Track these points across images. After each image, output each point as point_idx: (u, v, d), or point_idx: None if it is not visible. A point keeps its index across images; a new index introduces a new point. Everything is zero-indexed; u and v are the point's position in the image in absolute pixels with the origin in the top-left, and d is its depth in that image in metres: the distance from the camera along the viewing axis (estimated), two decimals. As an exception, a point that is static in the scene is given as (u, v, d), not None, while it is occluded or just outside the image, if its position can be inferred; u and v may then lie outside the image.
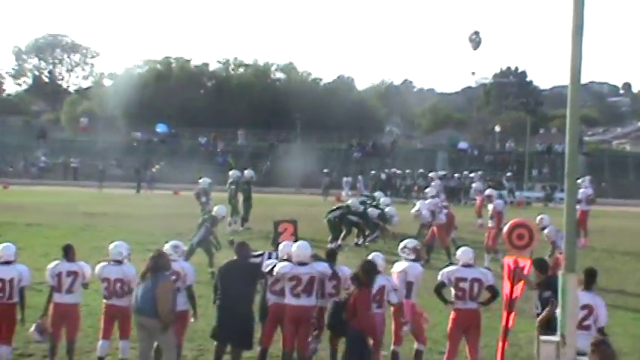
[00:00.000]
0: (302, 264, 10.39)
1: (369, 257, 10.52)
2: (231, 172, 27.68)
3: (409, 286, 10.58)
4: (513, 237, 10.51)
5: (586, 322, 9.24)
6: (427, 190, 23.98)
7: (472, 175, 41.64)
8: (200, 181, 25.08)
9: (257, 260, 11.10)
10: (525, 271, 10.36)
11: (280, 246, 11.16)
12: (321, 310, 10.53)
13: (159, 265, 9.85)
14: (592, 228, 27.25)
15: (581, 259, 10.13)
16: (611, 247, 22.99)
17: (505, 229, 10.59)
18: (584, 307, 9.18)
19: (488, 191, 22.23)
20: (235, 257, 10.78)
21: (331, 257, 10.91)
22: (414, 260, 10.84)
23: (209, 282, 13.27)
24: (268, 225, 25.11)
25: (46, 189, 48.11)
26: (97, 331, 11.59)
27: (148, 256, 10.09)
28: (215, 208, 19.33)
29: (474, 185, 33.19)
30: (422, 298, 11.04)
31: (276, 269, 10.43)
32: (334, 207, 23.76)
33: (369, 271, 9.86)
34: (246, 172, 27.69)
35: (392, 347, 10.70)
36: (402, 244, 11.06)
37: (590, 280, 9.56)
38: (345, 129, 69.25)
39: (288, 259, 10.60)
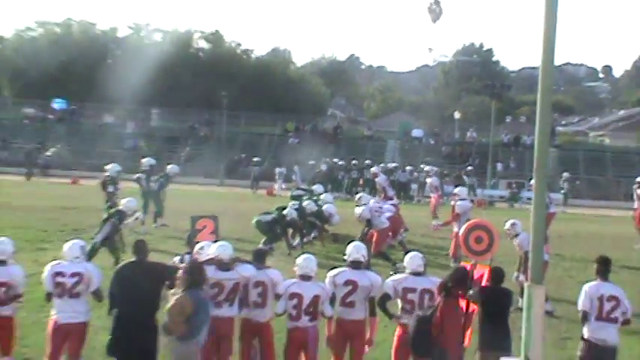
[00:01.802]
0: (225, 268, 10.35)
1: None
2: (144, 160, 27.56)
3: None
4: (470, 240, 10.61)
5: (614, 314, 10.37)
6: (358, 195, 24.00)
7: (427, 168, 41.92)
8: (107, 167, 24.88)
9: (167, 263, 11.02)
10: (484, 282, 10.50)
11: (196, 247, 11.09)
12: (249, 322, 10.53)
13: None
14: (565, 232, 27.78)
15: (550, 270, 10.30)
16: (585, 256, 23.34)
17: (462, 230, 10.69)
18: (610, 298, 10.37)
19: (457, 190, 22.49)
20: (134, 258, 10.75)
21: (259, 258, 10.89)
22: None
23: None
24: (185, 222, 25.11)
25: None
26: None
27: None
28: (123, 201, 19.18)
29: (429, 180, 33.50)
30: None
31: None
32: (265, 212, 23.60)
33: (460, 279, 10.01)
34: (169, 167, 27.82)
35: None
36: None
37: (606, 269, 10.67)
38: (280, 111, 69.16)
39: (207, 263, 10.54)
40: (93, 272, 10.61)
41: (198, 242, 11.76)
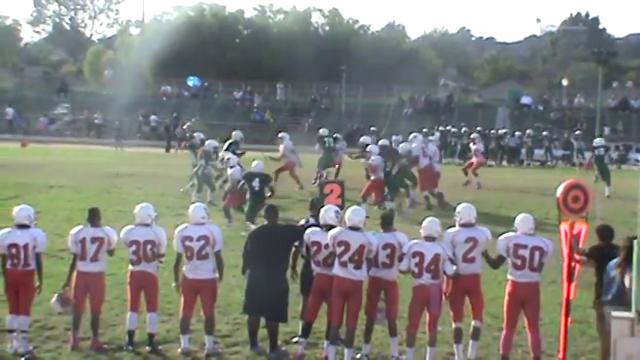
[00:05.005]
0: (354, 230, 10.41)
1: None
2: (281, 135, 28.42)
3: None
4: (569, 199, 10.38)
5: None
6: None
7: (473, 135, 38.25)
8: (233, 133, 26.31)
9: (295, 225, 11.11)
10: (582, 237, 10.31)
11: (322, 211, 11.14)
12: (377, 281, 10.61)
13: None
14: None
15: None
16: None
17: (559, 191, 10.44)
18: None
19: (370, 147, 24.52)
20: (266, 222, 10.89)
21: (387, 222, 10.89)
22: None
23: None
24: (311, 187, 25.36)
25: (67, 147, 48.67)
26: (123, 303, 11.80)
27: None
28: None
29: (473, 147, 31.70)
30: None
31: (330, 234, 10.45)
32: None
33: None
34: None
35: (453, 324, 10.71)
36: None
37: None
38: (396, 82, 68.72)
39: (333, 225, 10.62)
40: (217, 234, 10.79)
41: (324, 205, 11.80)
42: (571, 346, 10.73)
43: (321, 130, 30.52)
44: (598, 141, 31.10)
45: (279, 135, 28.56)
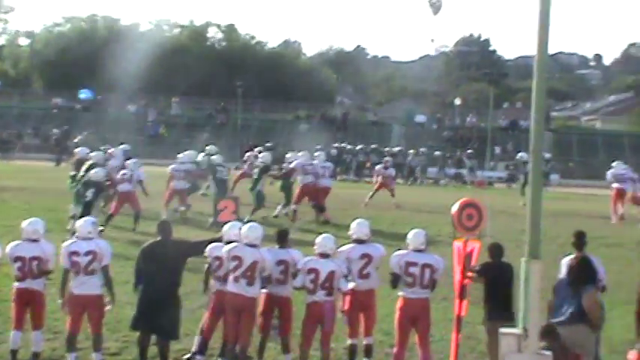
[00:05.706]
0: (250, 246, 10.36)
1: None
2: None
3: None
4: (463, 217, 10.56)
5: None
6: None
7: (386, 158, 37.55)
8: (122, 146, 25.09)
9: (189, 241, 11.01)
10: (474, 255, 10.50)
11: (225, 227, 11.07)
12: (270, 297, 10.59)
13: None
14: (560, 211, 27.61)
15: (546, 246, 10.24)
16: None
17: (454, 208, 10.62)
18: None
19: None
20: (158, 237, 10.76)
21: (282, 238, 10.87)
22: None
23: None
24: (204, 203, 25.11)
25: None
26: (7, 321, 11.43)
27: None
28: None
29: (383, 170, 31.43)
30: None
31: (224, 249, 10.43)
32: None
33: None
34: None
35: (349, 341, 10.81)
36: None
37: (581, 242, 10.63)
38: (292, 99, 69.09)
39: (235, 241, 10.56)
40: (104, 249, 10.59)
41: (220, 221, 11.73)
42: (461, 362, 10.90)
43: (207, 147, 28.69)
44: (524, 155, 31.53)
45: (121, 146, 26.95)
